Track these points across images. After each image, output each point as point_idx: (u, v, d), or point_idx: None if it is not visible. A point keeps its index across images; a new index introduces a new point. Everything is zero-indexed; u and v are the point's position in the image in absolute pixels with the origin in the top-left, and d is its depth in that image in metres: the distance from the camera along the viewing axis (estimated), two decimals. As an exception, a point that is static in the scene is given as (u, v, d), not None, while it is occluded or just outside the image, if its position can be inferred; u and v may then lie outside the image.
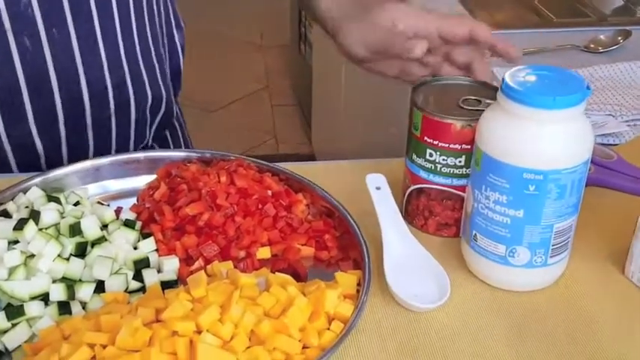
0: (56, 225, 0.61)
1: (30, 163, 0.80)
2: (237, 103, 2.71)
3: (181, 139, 0.97)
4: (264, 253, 0.65)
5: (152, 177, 0.74)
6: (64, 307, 0.57)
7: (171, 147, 0.94)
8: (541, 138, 0.56)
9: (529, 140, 0.56)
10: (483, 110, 0.62)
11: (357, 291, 0.59)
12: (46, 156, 0.81)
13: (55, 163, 0.80)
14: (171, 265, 0.63)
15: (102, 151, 0.84)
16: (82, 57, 0.77)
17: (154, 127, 0.89)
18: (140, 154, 0.75)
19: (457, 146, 0.64)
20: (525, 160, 0.56)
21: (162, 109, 0.88)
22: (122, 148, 0.85)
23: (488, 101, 0.65)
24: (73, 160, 0.81)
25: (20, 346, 0.55)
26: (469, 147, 0.63)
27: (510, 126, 0.57)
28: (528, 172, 0.56)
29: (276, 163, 0.74)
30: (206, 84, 2.56)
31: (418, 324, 0.59)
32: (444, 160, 0.65)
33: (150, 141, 0.90)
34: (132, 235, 0.64)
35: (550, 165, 0.56)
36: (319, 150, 2.26)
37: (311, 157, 2.31)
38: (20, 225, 0.59)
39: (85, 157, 0.82)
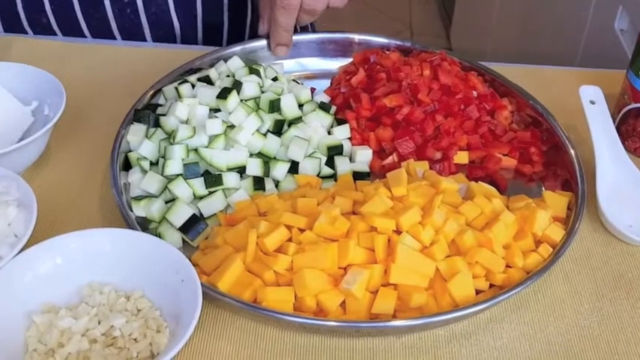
0: (255, 99, 0.60)
1: (165, 40, 0.78)
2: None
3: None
4: (462, 157, 0.60)
5: (346, 61, 0.70)
6: (258, 183, 0.57)
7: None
8: None
9: None
10: None
11: (567, 215, 0.54)
12: (181, 34, 0.78)
13: (189, 42, 0.78)
14: (364, 157, 0.60)
15: (236, 34, 0.80)
16: None
17: None
18: (338, 35, 0.71)
19: None
20: None
21: None
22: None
23: None
24: (206, 41, 0.78)
25: (215, 214, 0.55)
26: None
27: None
28: None
29: (481, 62, 0.68)
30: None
31: (633, 257, 0.53)
32: (688, 82, 0.56)
33: None
34: (327, 119, 0.62)
35: None
36: (457, 47, 2.11)
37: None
38: (224, 94, 0.58)
39: (220, 39, 0.79)
